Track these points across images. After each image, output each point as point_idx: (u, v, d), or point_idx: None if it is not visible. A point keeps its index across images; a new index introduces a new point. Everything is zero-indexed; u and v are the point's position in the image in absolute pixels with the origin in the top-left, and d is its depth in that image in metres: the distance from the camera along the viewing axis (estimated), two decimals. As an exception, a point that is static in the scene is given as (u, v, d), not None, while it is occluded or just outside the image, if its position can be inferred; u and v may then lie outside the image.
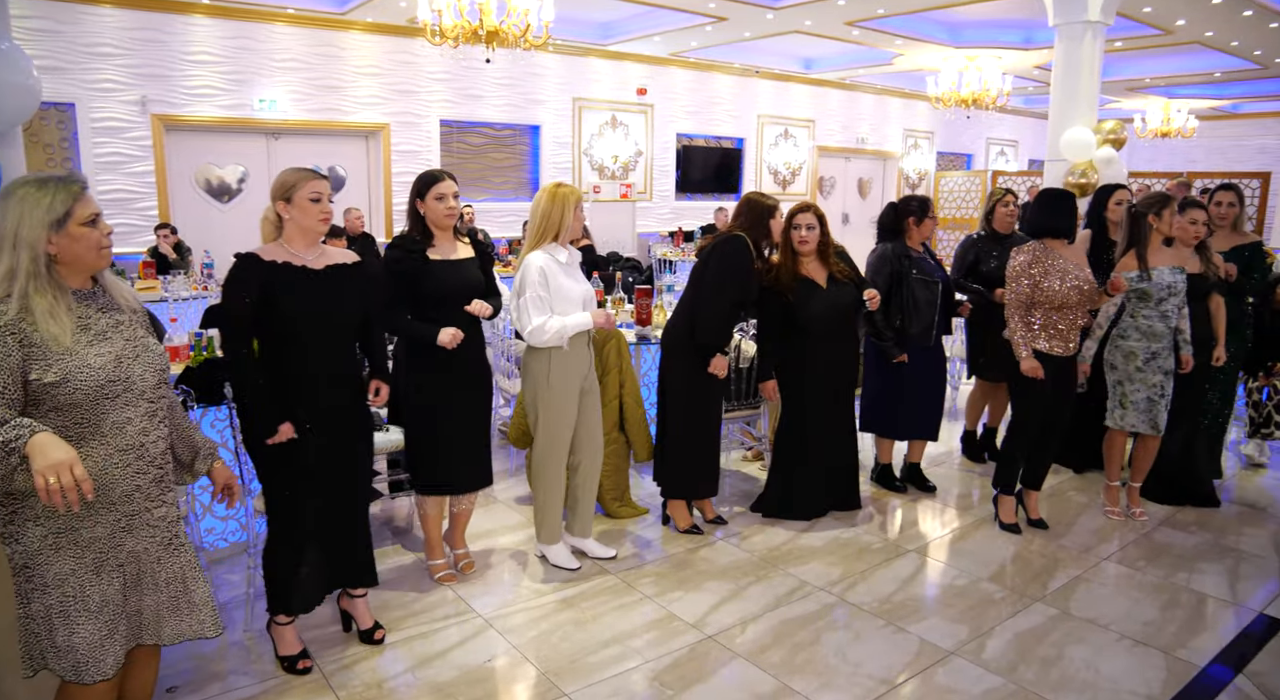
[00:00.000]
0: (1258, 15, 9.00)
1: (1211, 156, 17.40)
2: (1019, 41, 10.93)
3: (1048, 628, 3.46)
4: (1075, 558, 4.11)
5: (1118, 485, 4.63)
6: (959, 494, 4.97)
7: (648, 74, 12.39)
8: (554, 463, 3.81)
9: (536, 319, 3.59)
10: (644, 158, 12.54)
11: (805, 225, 4.17)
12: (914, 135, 15.93)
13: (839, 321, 4.26)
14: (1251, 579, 3.94)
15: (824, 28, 10.36)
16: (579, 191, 3.75)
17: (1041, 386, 4.14)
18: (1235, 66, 11.92)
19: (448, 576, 3.76)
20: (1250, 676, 3.16)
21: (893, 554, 4.12)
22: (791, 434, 4.37)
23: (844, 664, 3.18)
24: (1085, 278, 4.11)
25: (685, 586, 3.75)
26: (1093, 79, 7.28)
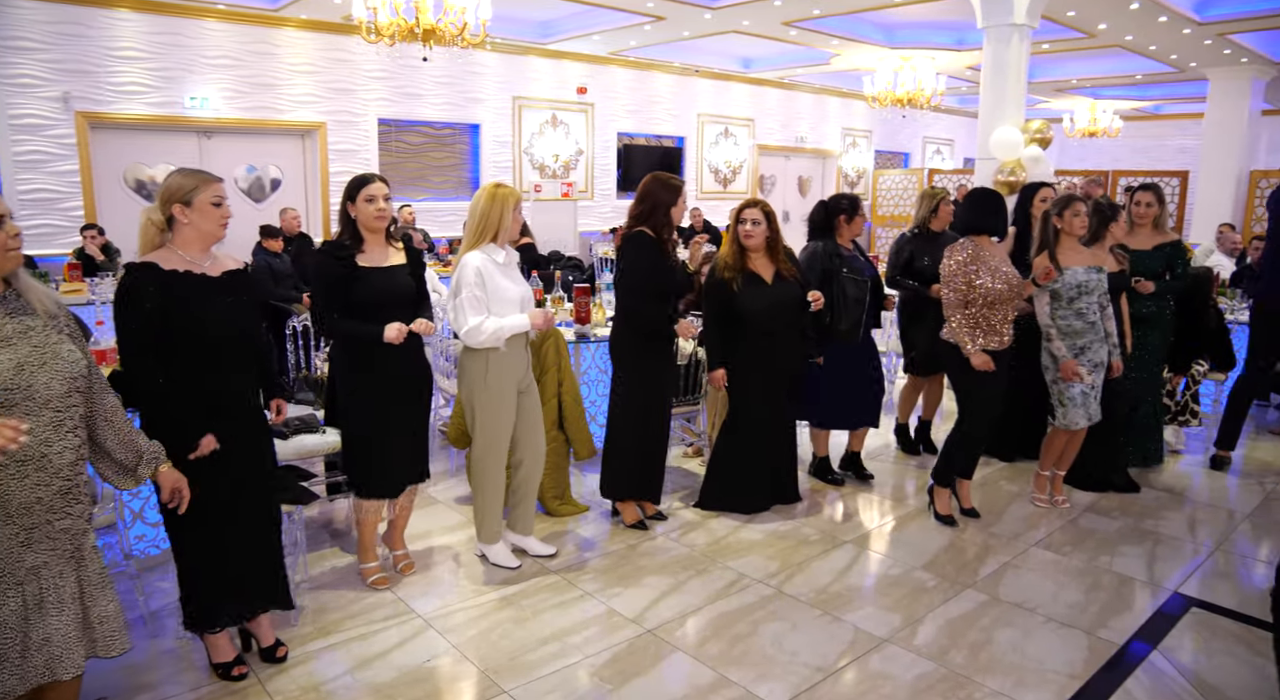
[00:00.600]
0: (1172, 21, 9.36)
1: (1135, 156, 18.02)
2: (951, 43, 11.19)
3: (978, 613, 3.56)
4: (1005, 545, 4.23)
5: (1048, 475, 4.78)
6: (895, 486, 5.09)
7: (588, 73, 12.40)
8: (493, 462, 3.80)
9: (473, 320, 3.59)
10: (585, 156, 12.55)
11: (751, 220, 4.24)
12: (852, 134, 16.19)
13: (782, 318, 4.31)
14: (1168, 560, 4.11)
15: (762, 28, 10.48)
16: (518, 192, 3.75)
17: (989, 381, 4.24)
18: (1154, 69, 12.36)
19: (380, 580, 3.71)
20: (1164, 652, 3.30)
21: (830, 545, 4.20)
22: (734, 429, 4.43)
23: (781, 654, 3.23)
24: (1013, 274, 4.23)
25: (625, 582, 3.78)
26: (1020, 80, 7.50)
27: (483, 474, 3.81)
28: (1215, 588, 3.85)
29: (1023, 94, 7.57)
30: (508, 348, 3.68)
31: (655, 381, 4.19)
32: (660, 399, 4.26)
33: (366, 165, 10.46)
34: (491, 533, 3.90)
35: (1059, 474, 4.80)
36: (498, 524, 3.91)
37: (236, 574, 2.97)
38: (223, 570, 2.93)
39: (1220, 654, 3.31)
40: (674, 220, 4.06)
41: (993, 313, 4.21)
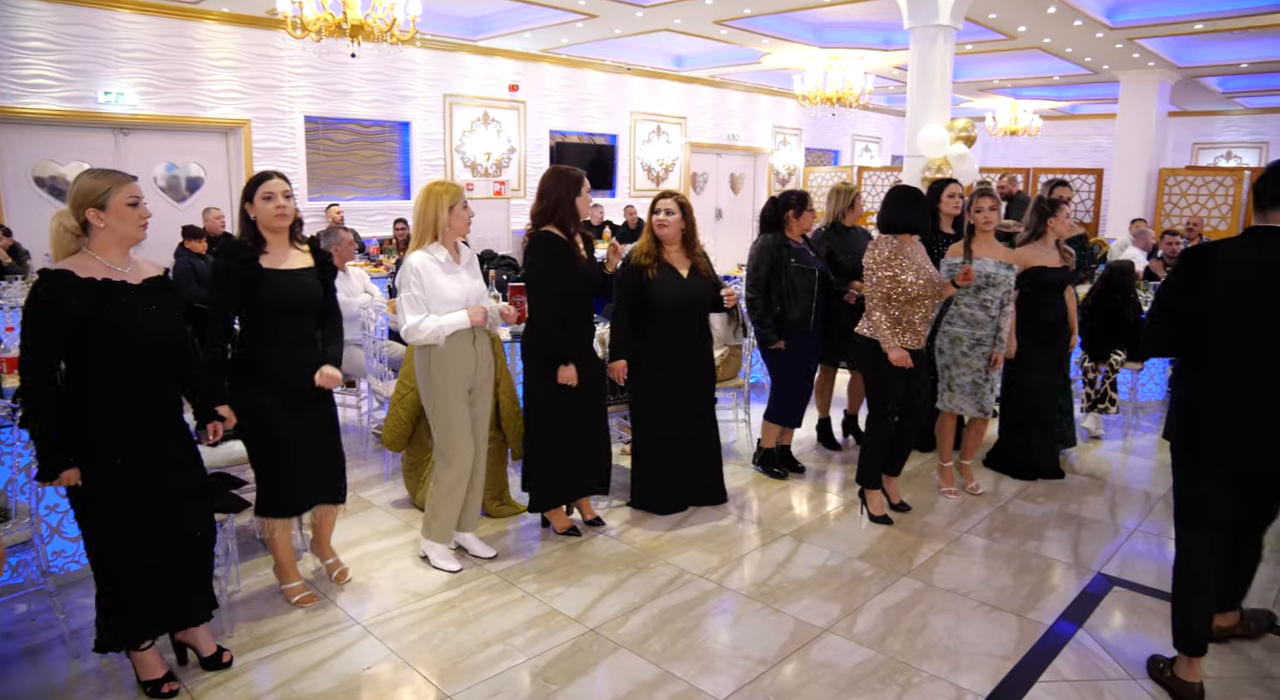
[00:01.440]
0: (1086, 25, 9.70)
1: (1054, 154, 18.64)
2: (879, 43, 11.40)
3: (914, 600, 3.64)
4: (938, 533, 4.34)
5: (950, 465, 4.90)
6: (828, 478, 5.17)
7: (519, 70, 12.31)
8: (450, 462, 3.76)
9: (411, 318, 3.57)
10: (517, 154, 12.46)
11: (665, 210, 4.21)
12: (783, 132, 16.39)
13: (694, 314, 4.33)
14: (1092, 543, 4.27)
15: (693, 26, 10.54)
16: (456, 188, 3.67)
17: (899, 378, 4.32)
18: (1071, 71, 12.79)
19: (306, 598, 3.55)
20: (1089, 630, 3.43)
21: (768, 539, 4.25)
22: (649, 427, 4.40)
23: (723, 647, 3.26)
24: (934, 271, 4.31)
25: (566, 581, 3.76)
26: (945, 79, 7.69)
27: (443, 475, 3.79)
28: (1135, 566, 4.01)
29: (948, 93, 7.76)
30: (450, 345, 3.64)
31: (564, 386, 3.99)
32: (578, 401, 4.07)
33: (294, 164, 10.21)
34: (441, 532, 3.85)
35: (965, 463, 4.94)
36: (449, 525, 3.86)
37: (167, 587, 2.87)
38: (152, 584, 2.83)
39: (1139, 629, 3.46)
40: (579, 213, 3.94)
41: (912, 310, 4.26)
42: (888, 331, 4.23)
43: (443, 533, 3.86)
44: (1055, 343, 4.94)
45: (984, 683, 3.05)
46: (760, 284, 4.75)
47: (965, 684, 3.04)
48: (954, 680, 3.06)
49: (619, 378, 4.27)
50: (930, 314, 4.35)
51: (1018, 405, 5.03)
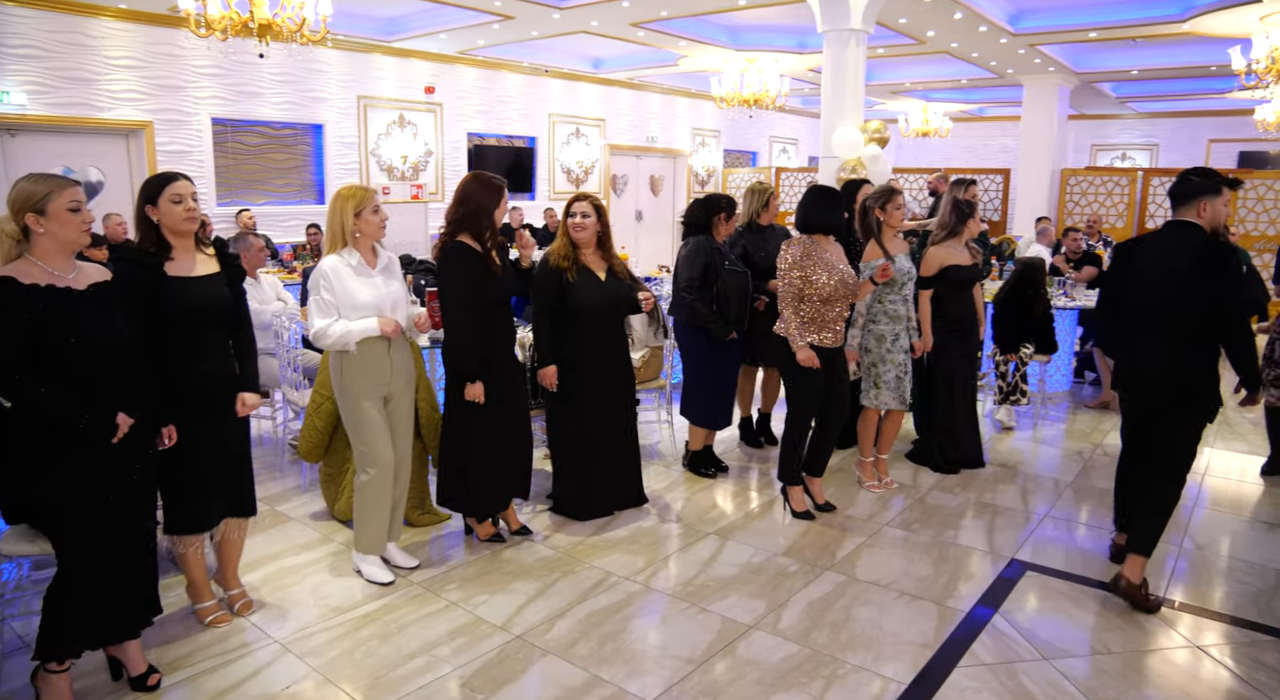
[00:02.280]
0: (991, 31, 10.05)
1: (964, 155, 19.24)
2: (794, 46, 11.59)
3: (837, 593, 3.70)
4: (859, 527, 4.42)
5: (871, 460, 5.01)
6: (750, 476, 5.22)
7: (435, 72, 12.13)
8: (370, 469, 3.67)
9: (318, 323, 3.49)
10: (434, 158, 12.27)
11: (580, 213, 4.18)
12: (701, 133, 16.53)
13: (613, 316, 4.32)
14: (1006, 530, 4.40)
15: (610, 28, 10.54)
16: (364, 192, 3.57)
17: (815, 377, 4.38)
18: (978, 74, 13.23)
19: (219, 618, 3.40)
20: (1005, 614, 3.54)
21: (693, 539, 4.27)
22: (568, 431, 4.36)
23: (651, 648, 3.26)
24: (848, 271, 4.38)
25: (491, 589, 3.71)
26: (858, 82, 7.85)
27: (364, 483, 3.69)
28: (1046, 551, 4.16)
29: (861, 95, 7.93)
30: (362, 351, 3.56)
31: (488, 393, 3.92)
32: (501, 408, 4.00)
33: (201, 168, 9.85)
34: (372, 543, 3.75)
35: (882, 457, 5.05)
36: (380, 534, 3.76)
37: (108, 597, 2.78)
38: (95, 593, 2.75)
39: (1050, 611, 3.58)
40: (497, 224, 3.88)
41: (827, 309, 4.32)
42: (796, 331, 4.29)
43: (374, 544, 3.76)
44: (969, 337, 5.09)
45: (906, 671, 3.11)
46: (697, 285, 4.74)
47: (888, 673, 3.10)
48: (877, 670, 3.11)
49: (550, 383, 4.22)
50: (845, 313, 4.43)
51: (938, 400, 5.15)
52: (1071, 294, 7.04)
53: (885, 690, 3.00)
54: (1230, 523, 4.58)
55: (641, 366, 5.34)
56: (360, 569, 3.78)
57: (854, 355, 4.72)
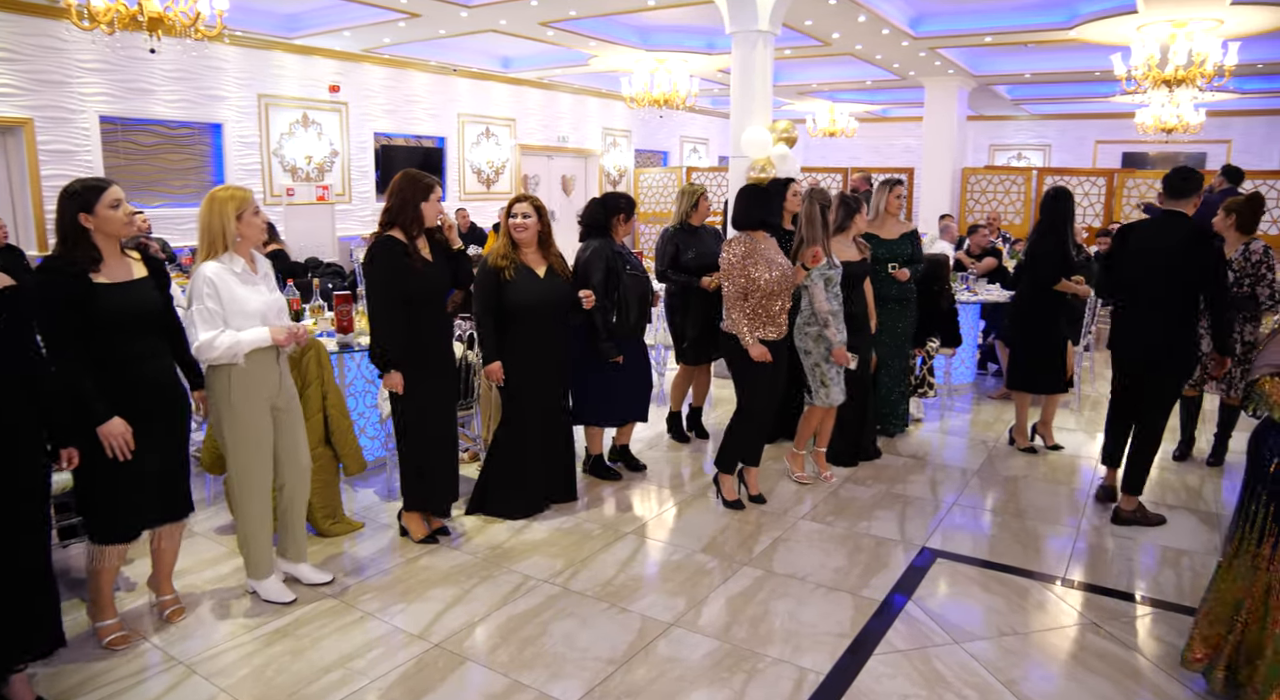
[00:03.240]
0: (893, 34, 10.33)
1: (869, 154, 19.75)
2: (702, 46, 11.69)
3: (755, 588, 3.75)
4: (775, 521, 4.48)
5: (804, 453, 5.10)
6: (670, 474, 5.25)
7: (340, 70, 11.81)
8: (252, 489, 3.51)
9: (204, 334, 3.28)
10: (340, 158, 11.94)
11: (522, 213, 4.23)
12: (612, 133, 16.54)
13: (555, 313, 4.33)
14: (916, 519, 4.53)
15: (519, 27, 10.45)
16: (244, 194, 3.42)
17: (765, 370, 4.45)
18: (881, 76, 13.59)
19: (120, 639, 3.25)
20: (917, 601, 3.64)
21: (612, 538, 4.26)
22: (509, 426, 4.37)
23: (572, 651, 3.24)
24: (786, 265, 4.46)
25: (408, 597, 3.63)
26: (766, 83, 7.95)
27: (243, 502, 3.52)
28: (955, 538, 4.29)
29: (769, 96, 8.03)
30: (251, 363, 3.39)
31: (420, 390, 3.94)
32: (430, 408, 4.02)
33: (89, 169, 9.36)
34: (261, 566, 3.60)
35: (820, 451, 5.15)
36: (267, 555, 3.62)
37: None
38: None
39: (960, 596, 3.71)
40: (425, 219, 3.88)
41: (771, 303, 4.42)
42: (746, 329, 4.37)
43: (265, 566, 3.61)
44: (862, 331, 5.20)
45: (824, 661, 3.17)
46: (597, 292, 4.70)
47: (807, 664, 3.15)
48: (796, 662, 3.16)
49: (497, 378, 4.26)
50: (788, 305, 4.51)
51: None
52: (974, 288, 7.29)
53: (804, 681, 3.05)
54: (1123, 504, 4.81)
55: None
56: (257, 591, 3.62)
57: (843, 353, 4.74)
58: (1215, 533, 4.41)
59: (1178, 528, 4.48)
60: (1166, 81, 8.93)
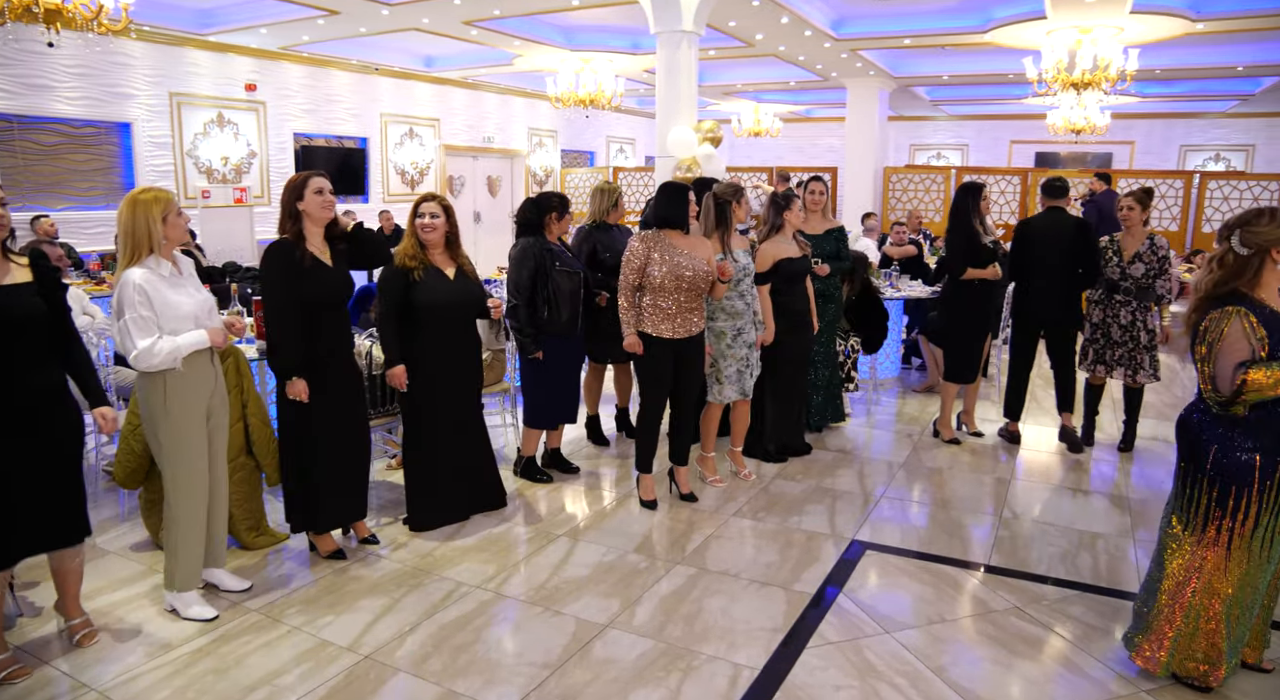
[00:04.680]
0: (815, 35, 10.50)
1: (794, 154, 20.04)
2: (628, 47, 11.71)
3: (689, 586, 3.76)
4: (707, 519, 4.51)
5: (713, 456, 5.10)
6: (600, 475, 5.23)
7: (257, 68, 11.48)
8: (189, 495, 3.41)
9: (142, 342, 3.17)
10: (259, 159, 11.61)
11: (429, 213, 4.13)
12: (538, 134, 16.45)
13: (465, 315, 4.26)
14: (845, 513, 4.61)
15: (442, 26, 10.32)
16: (167, 195, 3.32)
17: (659, 366, 4.46)
18: (805, 77, 13.80)
19: (18, 671, 3.04)
20: (848, 593, 3.70)
21: (544, 542, 4.23)
22: (420, 434, 4.27)
23: (506, 657, 3.20)
24: (696, 265, 4.45)
25: (336, 609, 3.54)
26: (691, 83, 8.02)
27: (178, 508, 3.41)
28: (883, 530, 4.38)
29: (694, 96, 8.10)
30: (187, 367, 3.30)
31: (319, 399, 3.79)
32: (339, 415, 3.89)
33: (-17, 169, 8.91)
34: (188, 578, 3.47)
35: (735, 450, 5.19)
36: (197, 567, 3.50)
37: None
38: None
39: (890, 586, 3.78)
40: (310, 216, 3.73)
41: (672, 301, 4.41)
42: (630, 319, 4.41)
43: (189, 578, 3.49)
44: (804, 328, 5.28)
45: (758, 656, 3.20)
46: (523, 289, 4.68)
47: (741, 660, 3.17)
48: (731, 658, 3.18)
49: (400, 384, 4.13)
50: (694, 305, 4.51)
51: (777, 393, 5.32)
52: (897, 285, 7.46)
53: (739, 677, 3.07)
54: (1042, 491, 4.97)
55: (484, 369, 5.23)
56: (176, 608, 3.48)
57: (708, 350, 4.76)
58: (1127, 515, 4.60)
59: (1092, 511, 4.65)
60: (1074, 84, 9.29)
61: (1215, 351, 2.77)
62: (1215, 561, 2.88)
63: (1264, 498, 2.80)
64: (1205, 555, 2.90)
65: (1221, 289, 2.83)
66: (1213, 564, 2.88)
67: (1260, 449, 2.79)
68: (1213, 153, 17.32)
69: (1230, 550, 2.85)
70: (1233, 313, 2.75)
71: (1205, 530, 2.89)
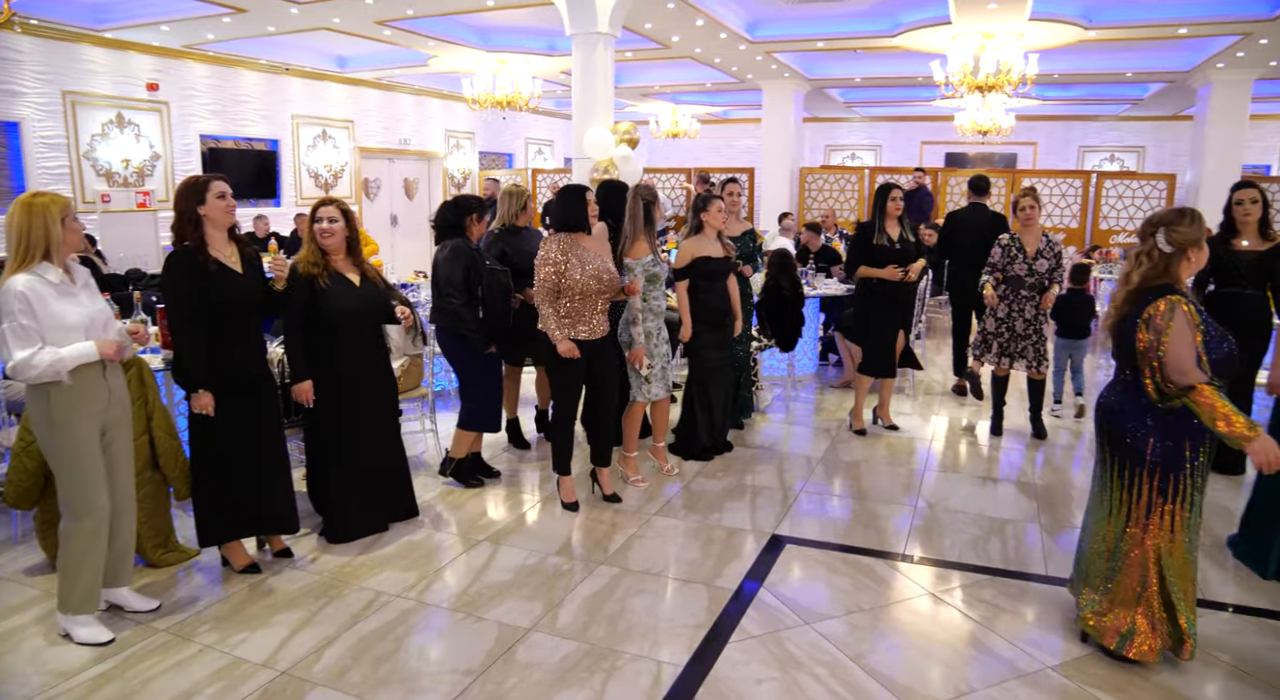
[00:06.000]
0: (730, 37, 10.63)
1: (711, 155, 20.25)
2: (544, 48, 11.66)
3: (612, 586, 3.76)
4: (629, 518, 4.52)
5: (635, 455, 5.13)
6: (522, 479, 5.20)
7: (159, 67, 11.06)
8: (81, 516, 3.25)
9: (19, 353, 3.02)
10: (163, 162, 11.18)
11: (327, 218, 4.02)
12: (456, 135, 16.25)
13: (370, 322, 4.17)
14: (765, 508, 4.68)
15: (354, 26, 10.11)
16: (64, 199, 3.18)
17: (577, 369, 4.46)
18: (721, 79, 13.96)
19: None
20: (769, 587, 3.76)
21: (465, 547, 4.18)
22: (338, 444, 4.17)
23: (428, 665, 3.16)
24: (606, 268, 4.48)
25: (250, 625, 3.43)
26: (607, 84, 8.03)
27: (72, 525, 3.26)
28: (802, 524, 4.46)
29: (611, 98, 8.11)
30: (76, 380, 3.15)
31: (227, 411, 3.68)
32: (247, 426, 3.78)
33: None
34: (84, 601, 3.30)
35: (659, 446, 5.23)
36: (95, 588, 3.33)
37: None
38: None
39: (810, 579, 3.86)
40: (213, 222, 3.62)
41: (586, 303, 4.43)
42: (554, 325, 4.38)
43: (85, 601, 3.32)
44: (723, 327, 5.34)
45: (681, 653, 3.22)
46: (461, 290, 4.63)
47: (665, 657, 3.19)
48: (654, 656, 3.20)
49: (306, 399, 4.01)
50: (605, 306, 4.53)
51: (701, 391, 5.36)
52: (813, 283, 7.60)
53: (663, 674, 3.09)
54: (954, 481, 5.14)
55: (401, 375, 5.15)
56: (70, 633, 3.32)
57: (640, 354, 4.75)
58: (1033, 501, 4.78)
59: (1001, 498, 4.83)
60: (979, 87, 9.62)
61: (1166, 340, 2.90)
62: (1165, 545, 3.04)
63: (1194, 480, 3.01)
64: (1154, 542, 3.06)
65: (1154, 282, 3.00)
66: (1164, 548, 3.05)
67: (1189, 434, 2.97)
68: (1108, 153, 18.14)
69: (1174, 532, 3.04)
70: (1176, 301, 2.92)
71: (1150, 518, 3.05)
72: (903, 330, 5.95)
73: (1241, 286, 4.83)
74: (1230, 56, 10.74)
